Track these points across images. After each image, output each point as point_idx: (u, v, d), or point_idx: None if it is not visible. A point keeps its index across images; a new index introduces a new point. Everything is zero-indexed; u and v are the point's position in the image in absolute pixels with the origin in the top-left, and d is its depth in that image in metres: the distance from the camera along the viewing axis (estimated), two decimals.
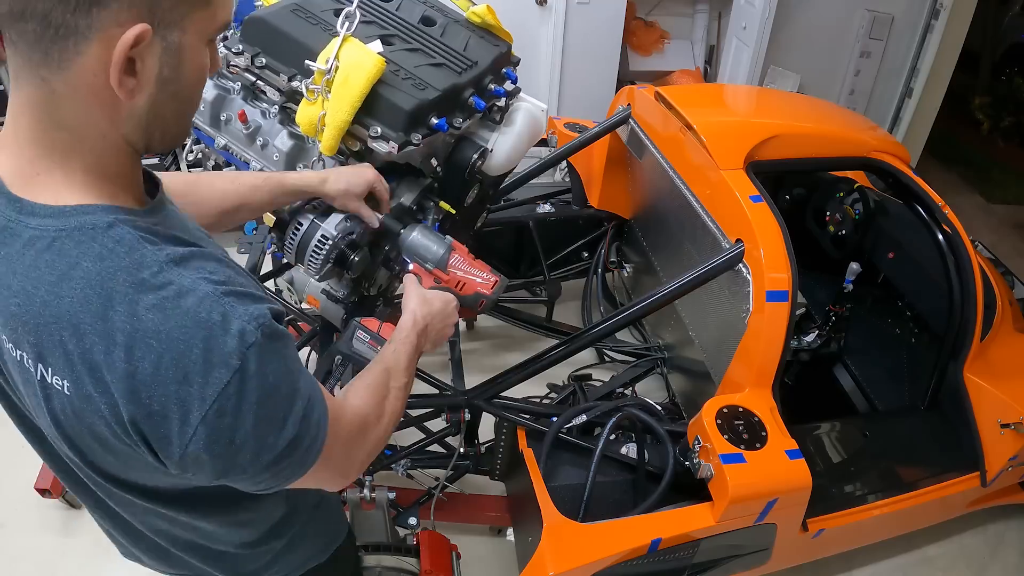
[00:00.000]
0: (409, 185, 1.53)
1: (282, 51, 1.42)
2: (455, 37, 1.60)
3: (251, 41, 1.46)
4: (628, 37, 4.22)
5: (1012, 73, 5.72)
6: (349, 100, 1.30)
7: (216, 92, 1.55)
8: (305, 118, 1.36)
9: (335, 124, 1.32)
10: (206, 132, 1.59)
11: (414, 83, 1.41)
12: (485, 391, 1.95)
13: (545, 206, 2.89)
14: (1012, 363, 2.18)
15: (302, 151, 1.51)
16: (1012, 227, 4.44)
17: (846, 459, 2.11)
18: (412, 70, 1.43)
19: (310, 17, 1.46)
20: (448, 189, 1.60)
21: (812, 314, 2.64)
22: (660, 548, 1.64)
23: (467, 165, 1.55)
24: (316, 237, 1.36)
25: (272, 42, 1.43)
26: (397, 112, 1.36)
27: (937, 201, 2.16)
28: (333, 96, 1.31)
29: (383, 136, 1.36)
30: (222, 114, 1.55)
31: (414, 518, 1.98)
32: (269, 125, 1.53)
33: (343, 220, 1.38)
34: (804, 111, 2.65)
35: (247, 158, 1.55)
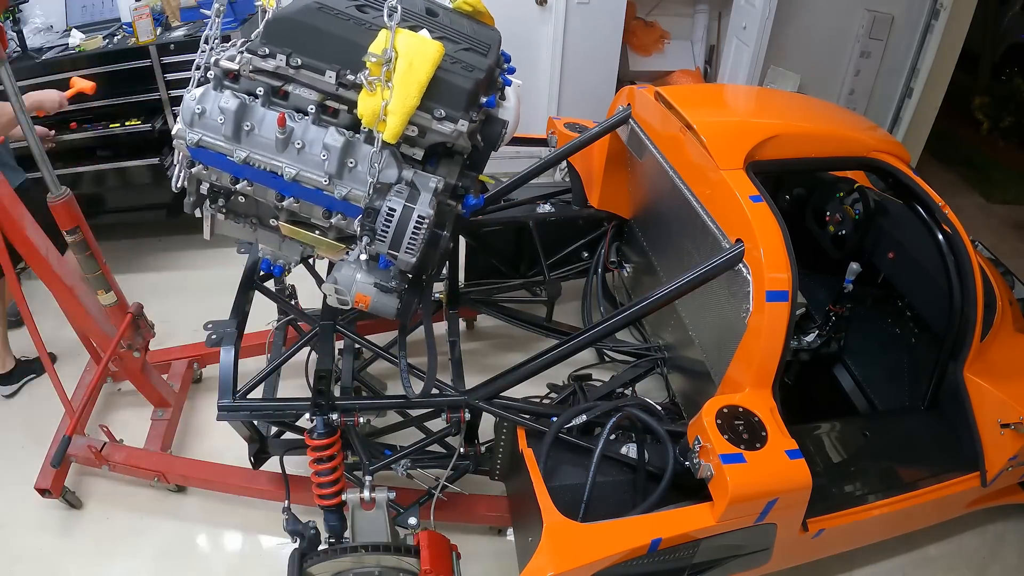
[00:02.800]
0: (448, 166, 1.60)
1: (321, 49, 1.43)
2: (460, 25, 1.66)
3: (279, 42, 1.45)
4: (628, 37, 4.22)
5: (1012, 73, 5.72)
6: (417, 85, 1.36)
7: (238, 101, 1.50)
8: (368, 109, 1.40)
9: (403, 110, 1.37)
10: (220, 149, 1.53)
11: (463, 66, 1.48)
12: (485, 391, 1.95)
13: (545, 206, 2.89)
14: (1012, 363, 2.18)
15: (350, 147, 1.52)
16: (1012, 227, 4.44)
17: (846, 459, 2.11)
18: (455, 55, 1.50)
19: (339, 14, 1.48)
20: (478, 162, 1.70)
21: (812, 314, 2.64)
22: (660, 548, 1.64)
23: (496, 139, 1.64)
24: (413, 220, 1.43)
25: (307, 41, 1.44)
26: (459, 93, 1.44)
27: (937, 201, 2.16)
28: (398, 83, 1.36)
29: (448, 118, 1.45)
30: (244, 123, 1.51)
31: (414, 518, 1.98)
32: (302, 128, 1.52)
33: (432, 199, 1.46)
34: (804, 111, 2.65)
35: (277, 166, 1.52)
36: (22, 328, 2.92)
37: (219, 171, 1.58)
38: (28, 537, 2.34)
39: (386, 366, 2.65)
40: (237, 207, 1.72)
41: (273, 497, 2.31)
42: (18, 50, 3.28)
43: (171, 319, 3.10)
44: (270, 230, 1.76)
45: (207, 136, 1.52)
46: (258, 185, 1.58)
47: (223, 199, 1.69)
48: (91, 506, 2.44)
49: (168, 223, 3.73)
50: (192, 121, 1.52)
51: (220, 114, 1.49)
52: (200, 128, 1.52)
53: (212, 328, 2.20)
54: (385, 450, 2.17)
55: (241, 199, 1.69)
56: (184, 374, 2.80)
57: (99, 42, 3.28)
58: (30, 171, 2.97)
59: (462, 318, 3.03)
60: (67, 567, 2.25)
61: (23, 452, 2.55)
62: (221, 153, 1.53)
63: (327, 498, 1.87)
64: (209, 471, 2.39)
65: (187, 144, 1.52)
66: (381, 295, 1.64)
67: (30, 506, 2.36)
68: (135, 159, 3.36)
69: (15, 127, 1.75)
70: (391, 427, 2.31)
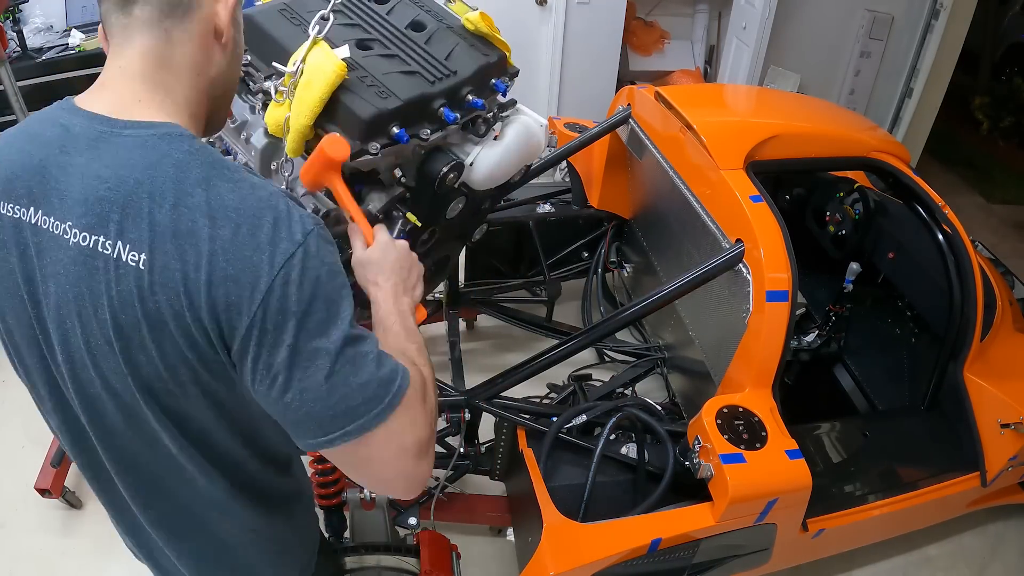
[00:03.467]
0: (378, 192, 1.48)
1: (263, 50, 1.42)
2: (441, 45, 1.53)
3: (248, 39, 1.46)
4: (628, 37, 4.22)
5: (1012, 73, 5.72)
6: (309, 104, 1.29)
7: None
8: (272, 119, 1.35)
9: (296, 127, 1.30)
10: None
11: (378, 91, 1.37)
12: (485, 391, 1.95)
13: (545, 206, 2.89)
14: (1012, 363, 2.18)
15: (276, 150, 1.49)
16: (1012, 227, 4.44)
17: (846, 459, 2.11)
18: (380, 77, 1.39)
19: (295, 18, 1.44)
20: (421, 200, 1.53)
21: (812, 314, 2.65)
22: (660, 548, 1.64)
23: (435, 177, 1.48)
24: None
25: (257, 40, 1.42)
26: (354, 119, 1.32)
27: (937, 201, 2.16)
28: (296, 99, 1.30)
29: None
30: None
31: (414, 518, 1.98)
32: (254, 121, 1.52)
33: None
34: (804, 111, 2.65)
35: (236, 150, 1.55)
36: None
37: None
38: (28, 537, 2.34)
39: None
40: None
41: None
42: (18, 50, 3.28)
43: None
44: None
45: None
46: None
47: None
48: (91, 506, 2.44)
49: None
50: None
51: None
52: None
53: None
54: None
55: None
56: None
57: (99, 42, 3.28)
58: None
59: (462, 318, 3.03)
60: (67, 567, 2.25)
61: (23, 452, 2.55)
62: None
63: (327, 498, 1.87)
64: None
65: None
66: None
67: (30, 506, 2.36)
68: None
69: None
70: None
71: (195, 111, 0.88)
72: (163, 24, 0.82)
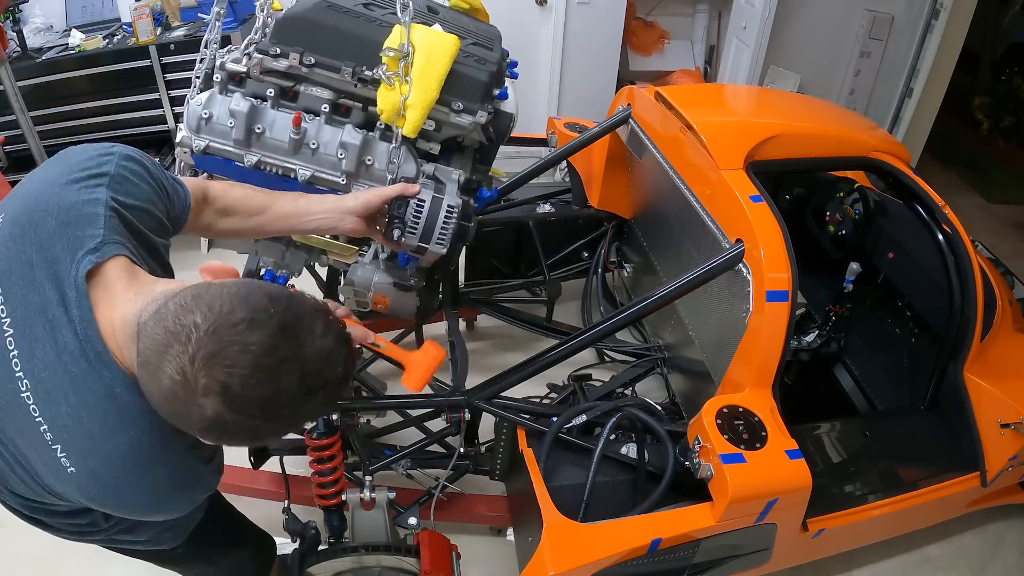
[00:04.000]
0: (461, 161, 1.62)
1: (334, 46, 1.43)
2: (460, 20, 1.66)
3: (291, 41, 1.44)
4: (628, 37, 4.22)
5: (1012, 73, 5.72)
6: (436, 78, 1.38)
7: (249, 104, 1.47)
8: (388, 104, 1.41)
9: (423, 104, 1.39)
10: (228, 155, 1.51)
11: (475, 59, 1.50)
12: (485, 391, 1.95)
13: (545, 206, 2.89)
14: (1012, 363, 2.18)
15: (367, 144, 1.53)
16: (1012, 227, 4.44)
17: (846, 459, 2.11)
18: (466, 48, 1.51)
19: (348, 12, 1.47)
20: (488, 156, 1.70)
21: (812, 314, 2.64)
22: (660, 548, 1.64)
23: (506, 131, 1.65)
24: (443, 210, 1.45)
25: (320, 39, 1.43)
26: (476, 86, 1.46)
27: (937, 201, 2.16)
28: (417, 77, 1.38)
29: (466, 110, 1.47)
30: (256, 126, 1.49)
31: (414, 518, 1.98)
32: (315, 128, 1.51)
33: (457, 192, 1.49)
34: (804, 111, 2.65)
35: (290, 167, 1.51)
36: None
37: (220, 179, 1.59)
38: (28, 537, 2.32)
39: (386, 366, 2.65)
40: None
41: (273, 497, 2.30)
42: (18, 50, 3.28)
43: None
44: (273, 240, 1.74)
45: (215, 142, 1.50)
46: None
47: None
48: None
49: None
50: (199, 127, 1.50)
51: (230, 118, 1.47)
52: (207, 134, 1.50)
53: None
54: (385, 450, 2.17)
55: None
56: None
57: (99, 42, 3.28)
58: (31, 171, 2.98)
59: (462, 318, 3.03)
60: (67, 567, 2.25)
61: None
62: (229, 159, 1.52)
63: (327, 498, 1.87)
64: None
65: (193, 151, 1.50)
66: (400, 295, 1.66)
67: None
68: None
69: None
70: (391, 427, 2.31)
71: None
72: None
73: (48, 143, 3.10)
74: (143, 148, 1.05)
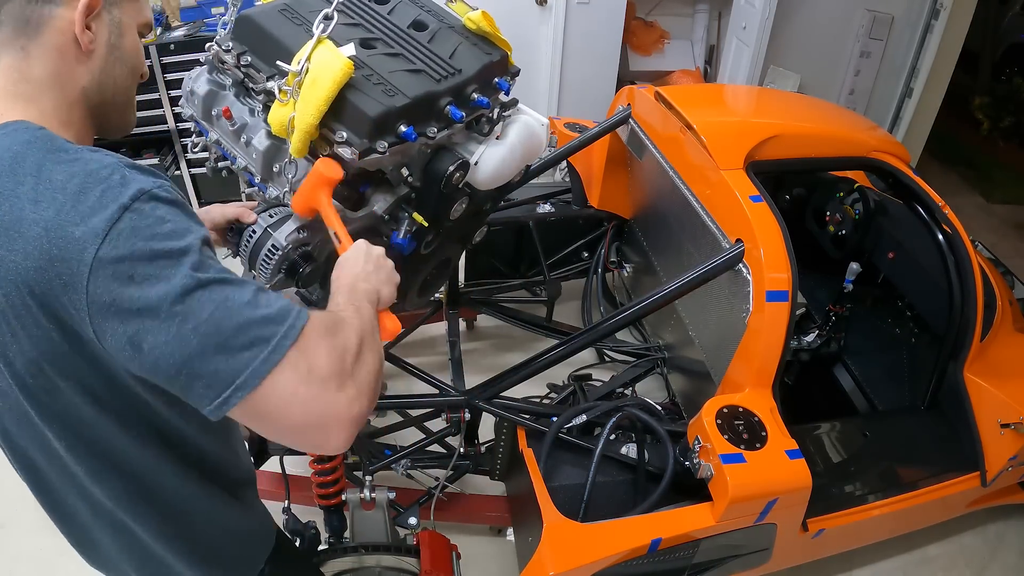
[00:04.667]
0: (383, 193, 1.49)
1: (264, 50, 1.41)
2: (444, 43, 1.54)
3: (239, 39, 1.44)
4: (628, 37, 4.22)
5: (1012, 73, 5.72)
6: (315, 103, 1.28)
7: (208, 87, 1.52)
8: (276, 119, 1.34)
9: (302, 127, 1.30)
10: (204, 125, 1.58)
11: (384, 89, 1.36)
12: (485, 391, 1.95)
13: (545, 206, 2.89)
14: (1012, 363, 2.18)
15: (279, 151, 1.48)
16: (1012, 227, 4.44)
17: (846, 459, 2.11)
18: (386, 75, 1.39)
19: (296, 17, 1.44)
20: (427, 201, 1.54)
21: (812, 314, 2.64)
22: (660, 548, 1.64)
23: (442, 176, 1.48)
24: (267, 246, 1.36)
25: (257, 41, 1.42)
26: (362, 118, 1.32)
27: (937, 201, 2.16)
28: (301, 98, 1.29)
29: (348, 142, 1.33)
30: (213, 109, 1.53)
31: (414, 518, 1.98)
32: (255, 123, 1.50)
33: (295, 231, 1.37)
34: (804, 111, 2.65)
35: (235, 154, 1.54)
36: None
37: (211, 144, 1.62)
38: (28, 537, 2.33)
39: (386, 366, 2.64)
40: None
41: (273, 497, 2.29)
42: None
43: None
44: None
45: (195, 114, 1.56)
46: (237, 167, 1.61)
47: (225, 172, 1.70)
48: None
49: None
50: (186, 97, 1.56)
51: (195, 96, 1.52)
52: (189, 106, 1.56)
53: None
54: (385, 450, 2.17)
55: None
56: None
57: None
58: None
59: (462, 318, 3.03)
60: (67, 567, 2.24)
61: None
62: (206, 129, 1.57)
63: (327, 498, 1.87)
64: None
65: (185, 117, 1.59)
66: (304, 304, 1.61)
67: (30, 506, 2.35)
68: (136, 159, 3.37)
69: None
70: (391, 427, 2.31)
71: (65, 120, 0.86)
72: (18, 42, 0.83)
73: None
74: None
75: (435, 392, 2.01)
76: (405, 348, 2.83)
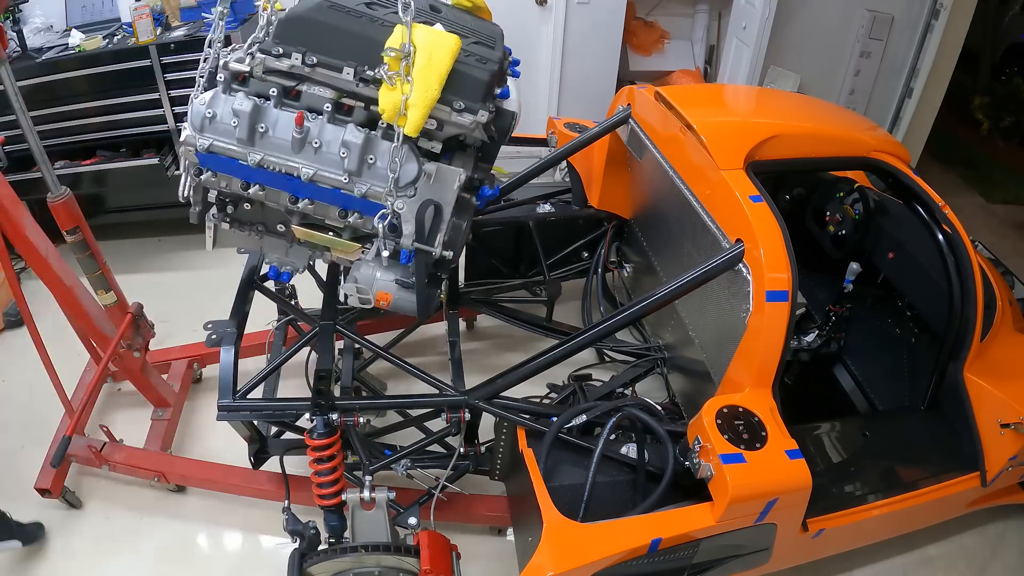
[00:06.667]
0: (463, 159, 1.63)
1: (336, 46, 1.44)
2: (463, 20, 1.66)
3: (293, 41, 1.45)
4: (628, 37, 4.22)
5: (1012, 73, 5.72)
6: (437, 77, 1.39)
7: (252, 103, 1.49)
8: (390, 103, 1.41)
9: (424, 103, 1.39)
10: (232, 154, 1.52)
11: (477, 59, 1.49)
12: (485, 391, 1.95)
13: (545, 206, 2.90)
14: (1012, 363, 2.18)
15: (370, 143, 1.54)
16: (1012, 227, 4.44)
17: (846, 459, 2.11)
18: (468, 48, 1.51)
19: (350, 12, 1.47)
20: (492, 153, 1.70)
21: (812, 314, 2.64)
22: (660, 548, 1.64)
23: (508, 129, 1.67)
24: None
25: (322, 38, 1.44)
26: (477, 85, 1.46)
27: (937, 201, 2.16)
28: (418, 77, 1.38)
29: (467, 109, 1.47)
30: (259, 125, 1.50)
31: (414, 518, 1.98)
32: (318, 127, 1.52)
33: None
34: (804, 111, 2.65)
35: (293, 167, 1.52)
36: (22, 328, 2.92)
37: (229, 177, 1.57)
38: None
39: (386, 366, 2.65)
40: (243, 215, 1.72)
41: (273, 497, 2.31)
42: (18, 50, 3.28)
43: (171, 319, 3.10)
44: (277, 236, 1.76)
45: (219, 141, 1.51)
46: (271, 189, 1.57)
47: (230, 207, 1.68)
48: (91, 506, 2.44)
49: (167, 223, 3.74)
50: (202, 126, 1.51)
51: (233, 117, 1.48)
52: (211, 133, 1.51)
53: (212, 328, 2.20)
54: (385, 450, 2.17)
55: (247, 207, 1.69)
56: (184, 374, 2.80)
57: (99, 42, 3.29)
58: (31, 171, 2.98)
59: (462, 318, 3.03)
60: (67, 567, 2.25)
61: (23, 452, 2.55)
62: (233, 158, 1.52)
63: (327, 498, 1.87)
64: (209, 471, 2.39)
65: (197, 150, 1.51)
66: (402, 291, 1.67)
67: (30, 506, 2.36)
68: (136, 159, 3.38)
69: None
70: (391, 427, 2.31)
71: None
72: None
73: (48, 143, 3.10)
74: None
75: (435, 392, 2.01)
76: (405, 348, 2.83)
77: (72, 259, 2.28)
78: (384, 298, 1.68)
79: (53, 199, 2.15)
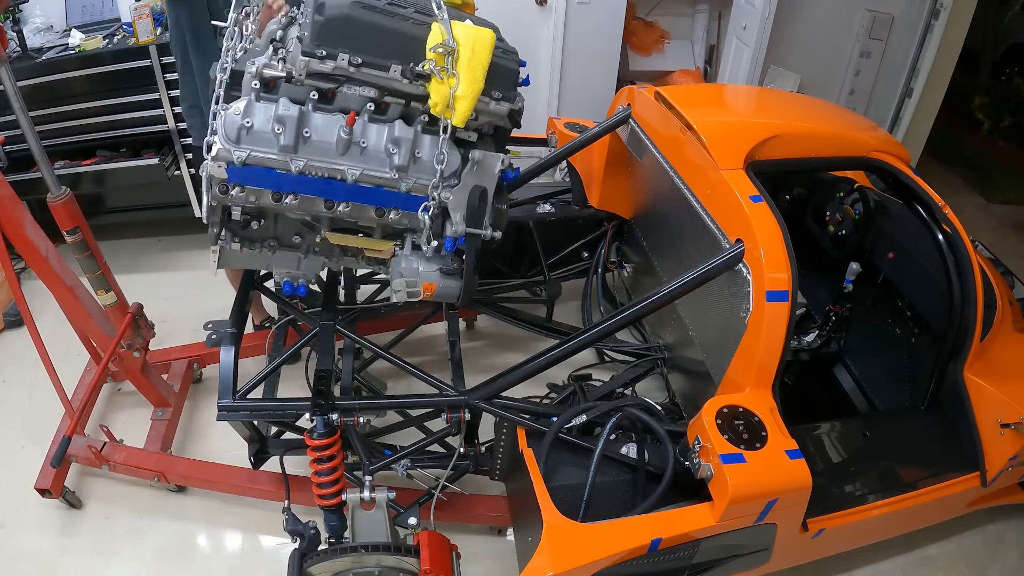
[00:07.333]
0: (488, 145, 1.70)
1: (379, 45, 1.47)
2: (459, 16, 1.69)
3: (335, 43, 1.44)
4: (628, 37, 4.22)
5: (1012, 73, 5.72)
6: (482, 69, 1.47)
7: (297, 108, 1.47)
8: (441, 97, 1.48)
9: (472, 95, 1.47)
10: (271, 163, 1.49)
11: (502, 50, 1.57)
12: (485, 391, 1.95)
13: (545, 206, 2.90)
14: (1012, 363, 2.18)
15: (416, 138, 1.59)
16: (1012, 227, 4.44)
17: (846, 459, 2.11)
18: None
19: (383, 11, 1.49)
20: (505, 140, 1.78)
21: (812, 314, 2.64)
22: (660, 548, 1.64)
23: (519, 117, 1.73)
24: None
25: (364, 39, 1.45)
26: (510, 75, 1.56)
27: (937, 201, 2.16)
28: (464, 70, 1.46)
29: (504, 98, 1.57)
30: (304, 131, 1.49)
31: (414, 518, 1.98)
32: (361, 127, 1.55)
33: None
34: (804, 111, 2.65)
35: (337, 170, 1.52)
36: (22, 328, 2.92)
37: (259, 190, 1.53)
38: (28, 537, 2.34)
39: (386, 366, 2.65)
40: (253, 233, 1.73)
41: (273, 497, 2.31)
42: (18, 50, 3.28)
43: (171, 319, 3.10)
44: (290, 248, 1.79)
45: (257, 151, 1.47)
46: (304, 197, 1.55)
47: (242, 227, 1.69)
48: (91, 506, 2.44)
49: (167, 223, 3.74)
50: (239, 137, 1.47)
51: (276, 124, 1.46)
52: (249, 143, 1.47)
53: (212, 328, 2.21)
54: (385, 450, 2.17)
55: (260, 223, 1.70)
56: (184, 374, 2.80)
57: (99, 42, 3.28)
58: (31, 171, 2.98)
59: (462, 318, 3.03)
60: (67, 567, 2.25)
61: (23, 452, 2.55)
62: (271, 167, 1.49)
63: (327, 498, 1.87)
64: (209, 471, 2.39)
65: (235, 163, 1.46)
66: (446, 279, 1.74)
67: (30, 506, 2.36)
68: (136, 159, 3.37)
69: None
70: (391, 427, 2.31)
71: None
72: None
73: (48, 143, 3.10)
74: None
75: (435, 392, 2.01)
76: (405, 348, 2.83)
77: (72, 259, 2.28)
78: (429, 288, 1.73)
79: (53, 199, 2.15)
